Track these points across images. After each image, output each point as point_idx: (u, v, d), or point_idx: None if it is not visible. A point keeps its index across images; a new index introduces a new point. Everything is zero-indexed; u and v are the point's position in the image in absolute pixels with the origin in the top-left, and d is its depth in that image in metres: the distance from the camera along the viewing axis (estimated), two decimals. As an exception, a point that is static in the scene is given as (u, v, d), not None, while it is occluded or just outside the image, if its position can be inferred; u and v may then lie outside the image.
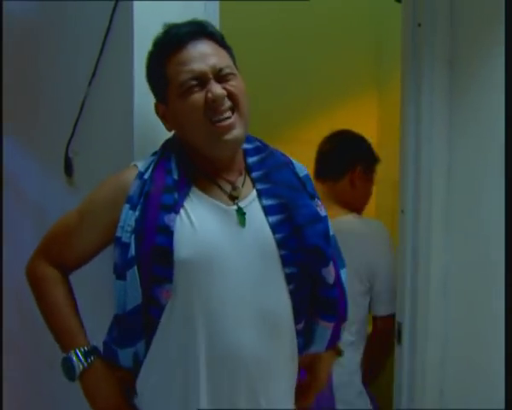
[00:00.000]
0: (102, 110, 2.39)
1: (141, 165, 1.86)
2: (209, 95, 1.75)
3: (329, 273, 1.88)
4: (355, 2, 4.09)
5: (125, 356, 1.79)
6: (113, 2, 2.20)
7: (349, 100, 4.39)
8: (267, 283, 1.79)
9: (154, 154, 1.89)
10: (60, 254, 1.92)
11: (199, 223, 1.75)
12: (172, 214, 1.73)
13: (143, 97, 2.06)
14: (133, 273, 1.71)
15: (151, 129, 2.04)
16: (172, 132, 1.94)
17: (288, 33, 4.02)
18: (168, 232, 1.71)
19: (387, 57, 4.26)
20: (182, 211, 1.76)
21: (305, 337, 1.91)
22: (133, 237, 1.73)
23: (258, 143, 1.98)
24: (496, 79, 2.44)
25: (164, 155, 1.86)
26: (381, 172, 4.53)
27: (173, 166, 1.82)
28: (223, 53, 1.84)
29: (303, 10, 4.03)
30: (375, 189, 4.58)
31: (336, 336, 1.96)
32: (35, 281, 1.94)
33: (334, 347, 2.00)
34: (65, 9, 2.64)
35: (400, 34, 2.74)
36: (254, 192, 1.87)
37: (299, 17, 4.09)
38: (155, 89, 1.89)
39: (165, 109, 1.87)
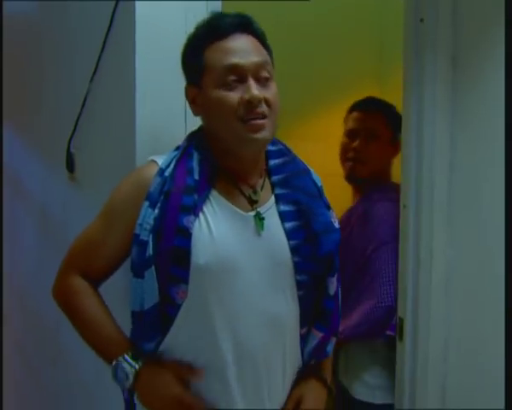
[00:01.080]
0: (104, 107, 2.39)
1: (161, 161, 1.83)
2: (246, 96, 1.74)
3: (333, 284, 1.92)
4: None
5: (148, 348, 1.80)
6: (114, 2, 2.20)
7: (352, 96, 4.38)
8: (278, 290, 1.82)
9: (177, 148, 1.86)
10: (88, 266, 1.86)
11: (216, 229, 1.76)
12: (192, 217, 1.73)
13: (145, 94, 2.06)
14: (151, 273, 1.72)
15: (153, 125, 2.04)
16: (196, 124, 1.94)
17: (290, 31, 4.02)
18: (187, 234, 1.72)
19: (390, 53, 4.25)
20: (201, 215, 1.76)
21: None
22: (151, 236, 1.72)
23: (281, 146, 1.99)
24: (499, 75, 2.43)
25: (186, 150, 1.84)
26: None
27: (195, 164, 1.80)
28: (264, 52, 1.83)
29: (305, 8, 4.02)
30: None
31: (323, 348, 1.96)
32: (66, 297, 1.88)
33: (321, 377, 1.99)
34: (67, 7, 2.64)
35: (402, 29, 2.74)
36: (273, 198, 1.88)
37: (302, 15, 4.08)
38: (189, 71, 1.85)
39: (196, 93, 1.83)
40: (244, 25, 1.81)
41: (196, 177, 1.78)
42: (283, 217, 1.84)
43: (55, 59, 2.83)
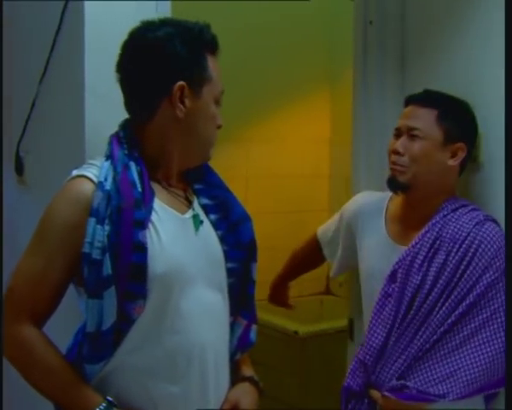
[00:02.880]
0: (53, 109, 2.37)
1: (90, 174, 1.76)
2: (219, 122, 1.87)
3: (255, 269, 1.97)
4: (307, 1, 4.10)
5: (92, 372, 1.76)
6: (63, 2, 2.18)
7: (302, 98, 4.42)
8: (215, 283, 1.86)
9: (107, 158, 1.79)
10: (35, 303, 1.74)
11: (166, 237, 1.75)
12: (145, 231, 1.71)
13: (94, 95, 2.04)
14: (111, 292, 1.68)
15: (102, 127, 2.03)
16: (111, 133, 1.87)
17: (239, 32, 4.03)
18: (143, 249, 1.70)
19: (340, 54, 4.29)
20: (150, 226, 1.74)
21: None
22: (107, 254, 1.68)
23: None
24: (446, 76, 2.47)
25: (122, 162, 1.78)
26: (333, 168, 4.59)
27: (136, 176, 1.76)
28: None
29: (254, 9, 4.04)
30: (328, 185, 4.64)
31: (247, 336, 1.99)
32: (20, 353, 1.75)
33: (255, 381, 2.00)
34: (15, 7, 2.61)
35: (352, 32, 2.77)
36: (195, 198, 1.93)
37: (251, 16, 4.10)
38: (188, 72, 1.78)
39: (189, 96, 1.78)
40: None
41: (140, 189, 1.75)
42: (206, 210, 1.91)
43: (3, 60, 2.79)
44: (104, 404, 1.71)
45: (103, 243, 1.68)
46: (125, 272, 1.68)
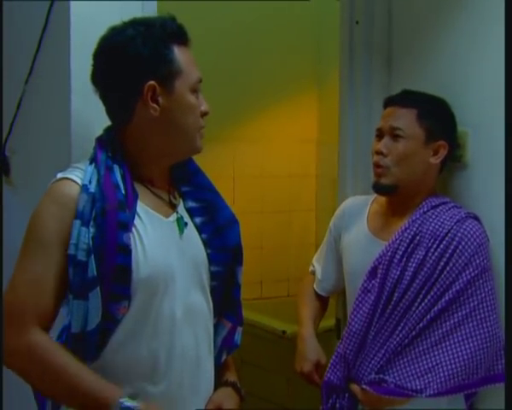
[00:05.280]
0: (40, 109, 2.36)
1: (78, 176, 1.77)
2: (204, 108, 1.83)
3: (241, 273, 1.98)
4: (294, 1, 4.11)
5: None
6: (49, 2, 2.18)
7: (289, 98, 4.42)
8: (197, 285, 1.87)
9: (91, 162, 1.80)
10: (42, 309, 1.73)
11: (148, 241, 1.76)
12: (129, 233, 1.72)
13: (81, 95, 2.04)
14: (96, 294, 1.69)
15: (88, 126, 2.03)
16: (98, 136, 1.87)
17: (227, 32, 4.04)
18: (127, 251, 1.71)
19: (327, 55, 4.29)
20: (133, 229, 1.75)
21: None
22: (92, 256, 1.69)
23: None
24: (432, 76, 2.48)
25: (105, 164, 1.79)
26: (320, 169, 4.59)
27: (119, 178, 1.77)
28: None
29: (241, 9, 4.04)
30: (315, 185, 4.64)
31: (231, 338, 2.00)
32: (33, 358, 1.71)
33: (237, 387, 2.00)
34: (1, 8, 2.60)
35: (338, 32, 2.77)
36: (181, 200, 1.92)
37: (238, 15, 4.10)
38: (154, 70, 1.76)
39: (161, 93, 1.77)
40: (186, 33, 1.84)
41: (123, 192, 1.76)
42: (192, 213, 1.90)
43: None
44: (124, 397, 1.68)
45: (88, 244, 1.69)
46: (110, 273, 1.69)
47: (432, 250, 2.22)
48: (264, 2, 4.04)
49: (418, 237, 2.24)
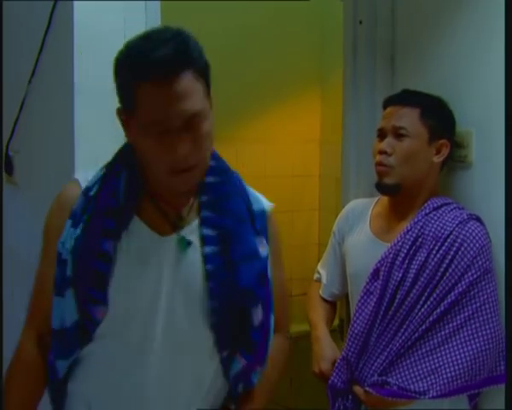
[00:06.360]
0: (43, 109, 2.36)
1: (87, 179, 1.75)
2: (174, 154, 1.59)
3: (257, 315, 1.78)
4: (298, 1, 4.10)
5: (61, 367, 1.76)
6: (52, 2, 2.18)
7: (293, 98, 4.42)
8: (185, 312, 1.73)
9: (107, 166, 1.76)
10: (39, 317, 1.78)
11: (137, 258, 1.70)
12: (112, 241, 1.68)
13: (84, 96, 2.04)
14: (70, 293, 1.69)
15: (91, 127, 2.03)
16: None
17: (230, 32, 4.03)
18: (107, 259, 1.67)
19: (330, 54, 4.29)
20: (122, 241, 1.69)
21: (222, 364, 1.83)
22: (70, 256, 1.68)
23: (221, 163, 1.86)
24: (436, 75, 2.48)
25: (113, 168, 1.74)
26: (323, 168, 4.59)
27: (121, 185, 1.71)
28: (198, 88, 1.62)
29: (245, 9, 4.04)
30: (318, 185, 4.64)
31: (247, 376, 1.86)
32: (13, 358, 1.79)
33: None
34: (3, 8, 2.60)
35: (342, 32, 2.77)
36: (197, 221, 1.76)
37: (242, 16, 4.09)
38: (121, 98, 1.65)
39: (129, 118, 1.64)
40: (182, 58, 1.57)
41: (120, 199, 1.71)
42: (204, 241, 1.73)
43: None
44: None
45: (71, 244, 1.69)
46: (86, 276, 1.67)
47: (434, 252, 2.21)
48: (268, 2, 4.03)
49: (420, 239, 2.24)
